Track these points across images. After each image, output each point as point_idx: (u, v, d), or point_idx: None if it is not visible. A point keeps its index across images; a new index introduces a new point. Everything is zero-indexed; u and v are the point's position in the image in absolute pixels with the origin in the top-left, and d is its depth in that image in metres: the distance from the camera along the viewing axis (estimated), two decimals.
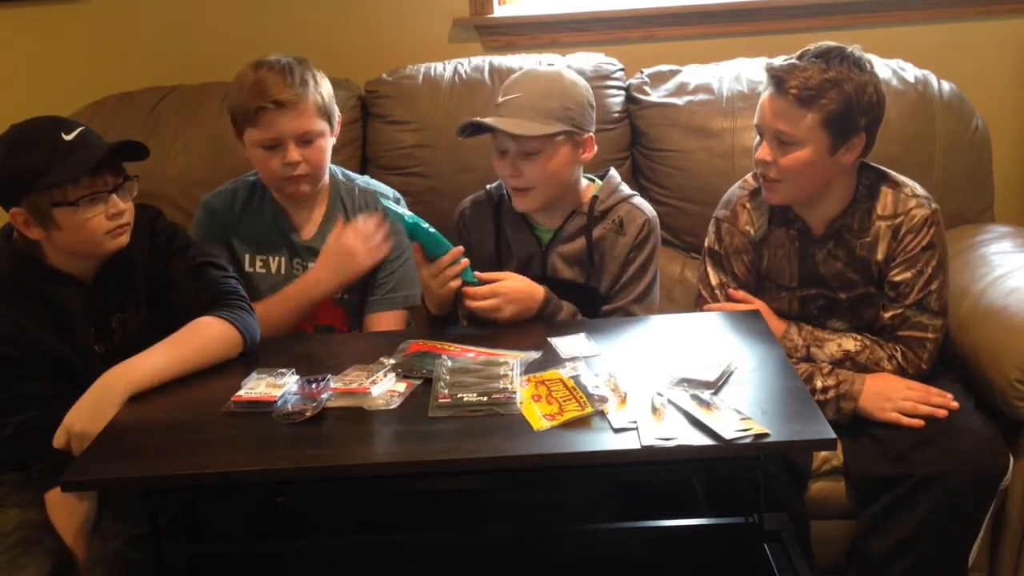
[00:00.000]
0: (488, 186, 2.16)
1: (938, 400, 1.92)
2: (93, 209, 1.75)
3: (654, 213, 2.09)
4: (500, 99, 1.95)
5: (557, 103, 1.94)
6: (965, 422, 1.91)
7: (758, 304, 2.05)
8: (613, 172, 2.12)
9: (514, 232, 2.09)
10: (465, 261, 1.88)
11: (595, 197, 2.05)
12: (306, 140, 2.03)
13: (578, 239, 2.04)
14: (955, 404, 1.92)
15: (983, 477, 1.88)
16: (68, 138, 1.73)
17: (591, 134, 2.00)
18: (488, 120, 1.94)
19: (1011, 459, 1.95)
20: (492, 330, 1.94)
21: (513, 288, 1.91)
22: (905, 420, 1.91)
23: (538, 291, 1.94)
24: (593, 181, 2.10)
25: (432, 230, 1.87)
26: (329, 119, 2.08)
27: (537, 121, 1.91)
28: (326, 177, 2.15)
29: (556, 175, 1.97)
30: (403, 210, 1.95)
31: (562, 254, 2.05)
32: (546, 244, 2.07)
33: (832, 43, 1.91)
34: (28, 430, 1.76)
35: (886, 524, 1.89)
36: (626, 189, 2.10)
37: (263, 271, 2.15)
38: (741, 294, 2.07)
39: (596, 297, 2.06)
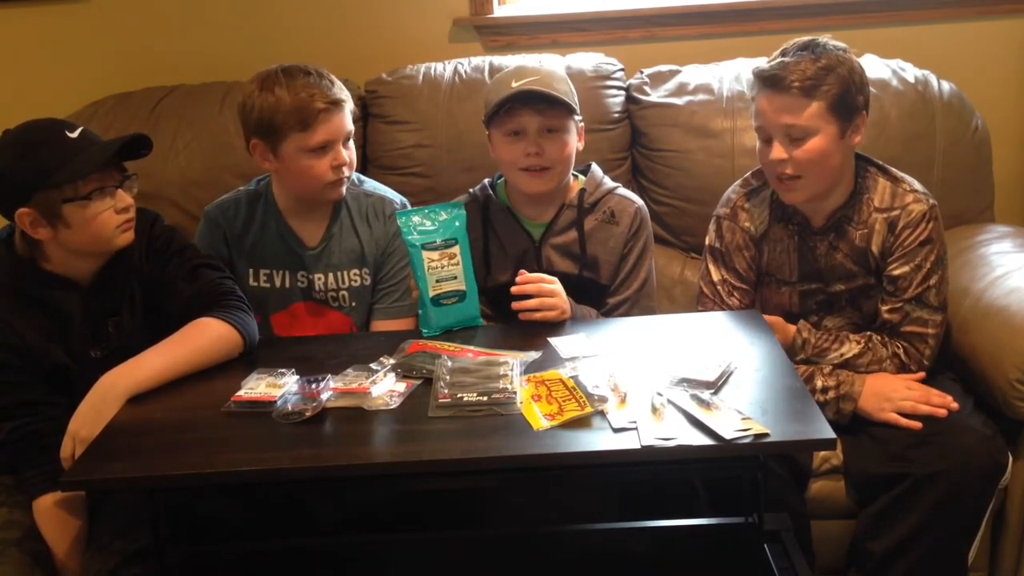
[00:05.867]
0: (471, 189, 2.18)
1: (938, 400, 1.92)
2: (103, 203, 1.76)
3: (641, 201, 2.16)
4: (515, 83, 1.97)
5: (567, 87, 2.02)
6: (964, 421, 1.91)
7: (775, 318, 2.03)
8: (595, 167, 2.18)
9: (505, 230, 2.11)
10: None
11: (583, 190, 2.11)
12: (347, 140, 2.04)
13: (570, 231, 2.09)
14: (955, 405, 1.92)
15: (982, 475, 1.88)
16: (73, 136, 1.75)
17: (583, 124, 2.08)
18: (538, 87, 1.95)
19: (1010, 458, 1.96)
20: (492, 330, 1.95)
21: (560, 291, 1.93)
22: (903, 422, 1.91)
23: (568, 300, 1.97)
24: (577, 177, 2.15)
25: (424, 276, 1.88)
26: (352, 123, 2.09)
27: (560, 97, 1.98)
28: None
29: (569, 157, 2.03)
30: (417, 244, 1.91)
31: (555, 246, 2.09)
32: (539, 239, 2.10)
33: (805, 37, 1.95)
34: (20, 436, 1.77)
35: (886, 523, 1.89)
36: (610, 181, 2.16)
37: (267, 285, 2.14)
38: (771, 319, 2.00)
39: (594, 288, 2.09)
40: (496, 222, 2.12)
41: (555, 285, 1.93)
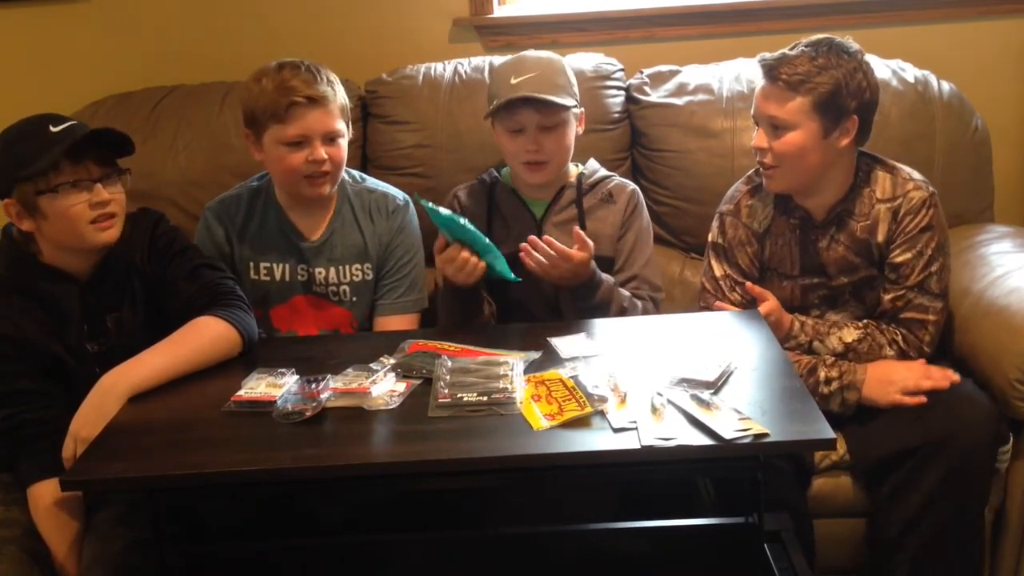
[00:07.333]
0: (479, 176, 2.25)
1: (939, 374, 1.94)
2: (75, 197, 1.77)
3: (636, 186, 2.25)
4: (514, 79, 2.05)
5: (566, 80, 2.10)
6: (963, 392, 1.94)
7: (771, 299, 2.05)
8: (593, 159, 2.28)
9: (509, 208, 2.19)
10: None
11: (581, 174, 2.20)
12: (330, 139, 2.04)
13: (570, 208, 2.17)
14: (956, 377, 1.94)
15: (988, 438, 1.89)
16: (55, 130, 1.76)
17: (583, 110, 2.16)
18: (537, 94, 2.02)
19: (1011, 437, 1.96)
20: (492, 330, 1.94)
21: (582, 259, 1.96)
22: (910, 399, 1.92)
23: (591, 266, 2.00)
24: (577, 165, 2.23)
25: (470, 226, 1.89)
26: (347, 122, 2.10)
27: (557, 96, 2.05)
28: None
29: (568, 147, 2.12)
30: (442, 209, 1.91)
31: (556, 223, 2.16)
32: (540, 216, 2.17)
33: (823, 35, 1.97)
34: (13, 425, 1.77)
35: (899, 496, 1.90)
36: (606, 171, 2.25)
37: (267, 278, 2.14)
38: (758, 290, 2.06)
39: (594, 261, 2.11)
40: (501, 201, 2.19)
41: (566, 262, 1.94)
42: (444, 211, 1.89)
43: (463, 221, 1.89)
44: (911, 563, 1.91)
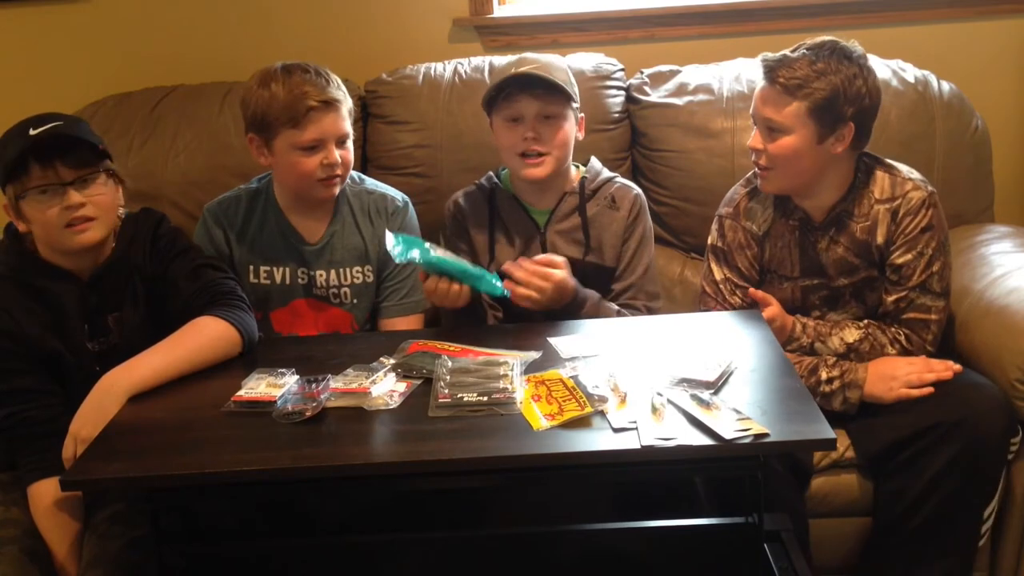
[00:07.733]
0: (477, 181, 2.22)
1: (940, 366, 1.94)
2: (46, 202, 1.76)
3: (639, 189, 2.20)
4: (515, 70, 2.03)
5: (566, 77, 2.07)
6: (974, 379, 1.94)
7: (773, 303, 2.05)
8: (594, 159, 2.24)
9: (511, 217, 2.15)
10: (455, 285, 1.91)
11: (584, 178, 2.16)
12: (342, 141, 2.04)
13: (573, 216, 2.13)
14: (958, 367, 1.94)
15: (999, 425, 1.89)
16: (33, 133, 1.75)
17: (583, 116, 2.13)
18: (537, 71, 2.00)
19: (1020, 431, 1.96)
20: (492, 330, 1.94)
21: (562, 278, 1.94)
22: (915, 392, 1.92)
23: (571, 283, 1.98)
24: (578, 168, 2.20)
25: (445, 259, 1.88)
26: (352, 123, 2.09)
27: (558, 85, 2.02)
28: None
29: (566, 144, 2.07)
30: (417, 251, 1.89)
31: (560, 232, 2.13)
32: (543, 225, 2.14)
33: (827, 37, 1.96)
34: (14, 423, 1.78)
35: (906, 477, 1.90)
36: (609, 171, 2.22)
37: (267, 281, 2.14)
38: (760, 294, 2.06)
39: (598, 272, 2.12)
40: (502, 208, 2.16)
41: (547, 282, 1.92)
42: (412, 256, 1.86)
43: (433, 256, 1.87)
44: (908, 544, 1.92)
